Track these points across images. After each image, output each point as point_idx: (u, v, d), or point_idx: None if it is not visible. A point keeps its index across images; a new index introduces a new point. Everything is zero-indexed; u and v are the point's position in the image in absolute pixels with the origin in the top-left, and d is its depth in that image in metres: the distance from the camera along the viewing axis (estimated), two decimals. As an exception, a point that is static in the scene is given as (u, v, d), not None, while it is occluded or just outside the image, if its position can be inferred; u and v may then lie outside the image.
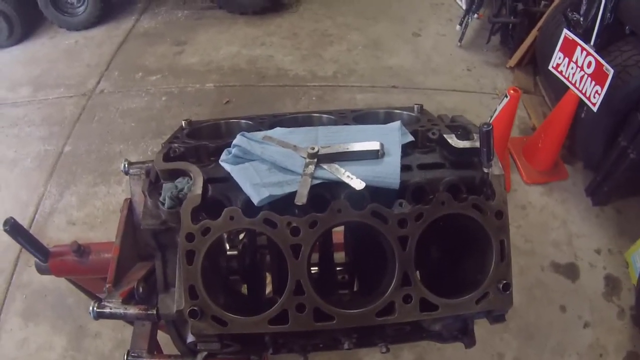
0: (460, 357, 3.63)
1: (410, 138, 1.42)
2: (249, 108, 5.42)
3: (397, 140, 1.38)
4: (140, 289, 1.55)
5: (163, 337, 1.93)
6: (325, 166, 1.30)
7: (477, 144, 1.35)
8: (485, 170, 1.31)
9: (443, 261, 1.53)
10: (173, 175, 1.35)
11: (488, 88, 5.72)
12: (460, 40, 6.35)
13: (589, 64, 3.91)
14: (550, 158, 4.69)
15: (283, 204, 1.26)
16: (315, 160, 1.30)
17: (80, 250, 1.85)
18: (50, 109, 5.75)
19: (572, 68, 4.13)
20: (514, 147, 4.94)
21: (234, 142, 1.37)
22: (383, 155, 1.33)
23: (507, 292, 1.27)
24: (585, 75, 3.98)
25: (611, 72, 3.71)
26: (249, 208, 1.25)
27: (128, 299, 1.53)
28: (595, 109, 3.94)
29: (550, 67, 4.37)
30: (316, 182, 1.27)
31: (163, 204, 1.29)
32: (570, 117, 4.31)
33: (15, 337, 3.93)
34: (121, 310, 1.48)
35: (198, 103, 5.67)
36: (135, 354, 1.61)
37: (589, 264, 4.18)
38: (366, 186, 1.27)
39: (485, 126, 1.27)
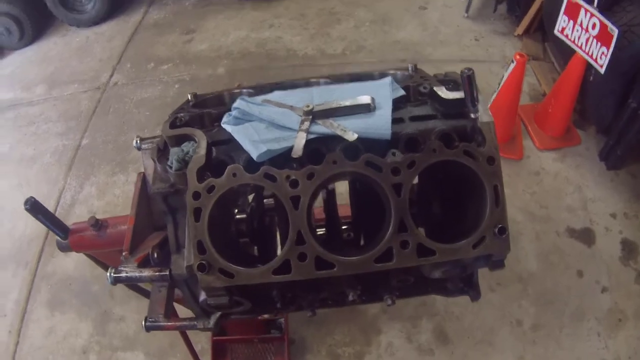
0: (478, 324, 3.71)
1: (402, 92, 1.47)
2: (261, 90, 5.49)
3: (388, 95, 1.43)
4: (155, 254, 1.62)
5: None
6: (320, 122, 1.36)
7: None
8: (472, 115, 1.35)
9: (443, 216, 1.57)
10: (179, 140, 1.42)
11: (497, 57, 5.73)
12: (467, 10, 6.34)
13: (594, 25, 3.91)
14: (562, 123, 4.68)
15: (282, 160, 1.32)
16: (311, 117, 1.36)
17: (98, 224, 1.93)
18: (66, 105, 5.86)
19: (577, 31, 4.13)
20: (525, 114, 4.94)
21: (234, 105, 1.44)
22: (375, 108, 1.39)
23: (504, 236, 1.30)
24: (591, 37, 3.99)
25: (616, 32, 3.70)
26: (250, 165, 1.31)
27: (143, 264, 1.60)
28: (602, 70, 3.94)
29: (556, 31, 4.37)
30: (312, 136, 1.33)
31: (171, 167, 1.36)
32: (578, 80, 4.31)
33: (42, 326, 4.05)
34: (137, 274, 1.55)
35: (210, 88, 5.64)
36: (153, 319, 1.67)
37: (604, 228, 4.19)
38: (361, 139, 1.32)
39: (465, 71, 1.31)
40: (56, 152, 5.32)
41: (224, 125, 1.41)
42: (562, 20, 4.27)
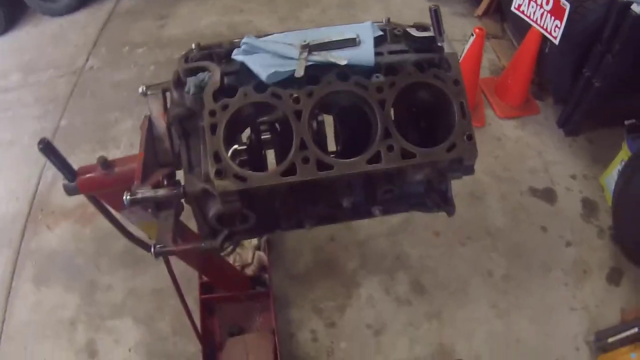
0: (453, 276, 3.97)
1: (380, 33, 1.75)
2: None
3: (370, 33, 1.70)
4: (165, 181, 1.81)
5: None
6: (315, 53, 1.59)
7: (432, 33, 1.65)
8: (439, 44, 1.61)
9: (418, 138, 1.81)
10: (194, 72, 1.63)
11: (458, 36, 5.97)
12: (429, -6, 6.58)
13: (547, 1, 4.23)
14: (521, 93, 5.00)
15: (285, 84, 1.55)
16: (307, 49, 1.60)
17: (106, 163, 2.08)
18: (43, 90, 5.89)
19: (532, 7, 4.46)
20: (485, 86, 5.25)
21: (243, 40, 1.66)
22: (360, 43, 1.65)
23: (472, 142, 1.55)
24: (545, 12, 4.31)
25: (567, 6, 4.04)
26: (259, 88, 1.53)
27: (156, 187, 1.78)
28: (556, 42, 4.27)
29: (512, 8, 4.67)
30: (309, 63, 1.56)
31: (188, 93, 1.58)
32: (535, 52, 4.64)
33: (29, 301, 4.11)
34: (152, 194, 1.72)
35: (186, 68, 5.83)
36: (161, 245, 1.81)
37: (565, 188, 4.51)
38: (349, 66, 1.56)
39: (432, 6, 1.58)
40: (35, 134, 5.33)
41: (234, 57, 1.63)
42: (518, -1, 4.57)
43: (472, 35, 4.54)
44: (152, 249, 1.84)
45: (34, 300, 4.11)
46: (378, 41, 1.70)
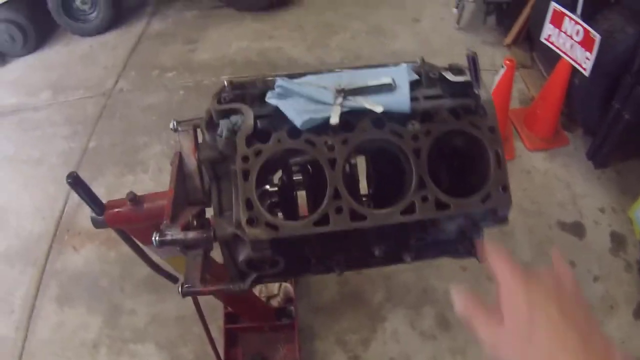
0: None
1: (416, 77, 1.71)
2: (265, 95, 5.66)
3: (406, 77, 1.67)
4: (195, 222, 1.80)
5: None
6: (350, 98, 1.58)
7: (469, 77, 1.63)
8: (476, 91, 1.59)
9: (451, 183, 1.79)
10: (226, 114, 1.62)
11: (487, 65, 5.94)
12: (458, 22, 6.61)
13: (577, 32, 4.18)
14: (550, 125, 4.94)
15: (319, 130, 1.53)
16: (342, 94, 1.59)
17: (135, 199, 2.09)
18: (72, 110, 5.99)
19: (562, 38, 4.39)
20: (515, 117, 5.20)
21: (277, 83, 1.65)
22: (395, 88, 1.62)
23: (506, 193, 1.52)
24: (575, 43, 4.25)
25: (598, 37, 3.97)
26: (292, 134, 1.52)
27: (185, 229, 1.77)
28: (587, 73, 4.20)
29: (542, 39, 4.62)
30: (344, 109, 1.55)
31: (221, 136, 1.57)
32: (564, 83, 4.58)
33: (51, 321, 4.14)
34: (181, 236, 1.71)
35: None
36: (189, 285, 1.81)
37: (594, 222, 4.43)
38: (385, 113, 1.54)
39: (470, 52, 1.55)
40: (63, 153, 5.45)
41: (268, 100, 1.61)
42: (548, 29, 4.53)
43: (503, 67, 4.51)
44: (180, 289, 1.83)
45: (56, 321, 4.14)
46: (413, 85, 1.68)
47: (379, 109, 1.53)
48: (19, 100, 6.28)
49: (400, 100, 1.59)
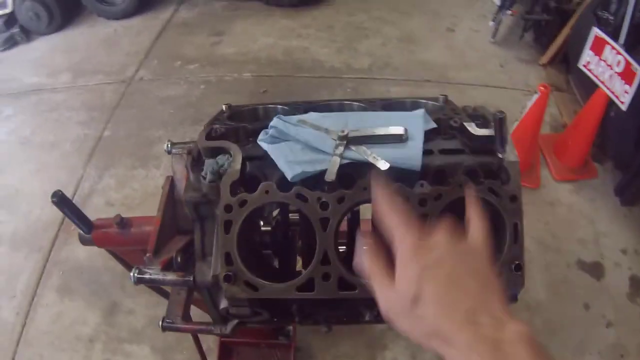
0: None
1: (433, 125, 1.51)
2: (285, 98, 5.46)
3: (421, 126, 1.47)
4: (179, 258, 1.67)
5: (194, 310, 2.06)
6: (353, 148, 1.40)
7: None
8: (500, 155, 1.39)
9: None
10: (214, 152, 1.46)
11: (520, 84, 5.75)
12: (494, 36, 6.39)
13: (618, 62, 3.94)
14: (580, 156, 4.71)
15: (314, 181, 1.36)
16: (345, 142, 1.40)
17: (123, 222, 1.98)
18: (90, 95, 5.94)
19: (601, 66, 4.16)
20: (544, 144, 4.97)
21: (271, 123, 1.48)
22: (407, 139, 1.42)
23: (519, 273, 1.34)
24: (615, 74, 4.02)
25: (639, 70, 3.74)
26: (283, 184, 1.35)
27: (167, 267, 1.65)
28: (624, 107, 3.97)
29: (580, 65, 4.40)
30: (345, 161, 1.37)
31: (205, 178, 1.41)
32: (599, 115, 4.34)
33: (51, 311, 4.09)
34: (160, 276, 1.60)
35: (235, 92, 5.82)
36: (170, 320, 1.72)
37: (614, 263, 4.20)
38: (391, 167, 1.36)
39: (498, 114, 1.34)
40: (77, 140, 5.39)
41: (260, 143, 1.45)
42: (587, 55, 4.31)
43: (537, 92, 4.28)
44: (160, 322, 1.75)
45: (56, 311, 4.10)
46: (429, 134, 1.49)
47: (384, 166, 1.35)
48: (39, 80, 6.26)
49: (412, 155, 1.39)
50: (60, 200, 1.85)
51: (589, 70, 4.35)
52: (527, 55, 6.25)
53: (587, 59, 4.36)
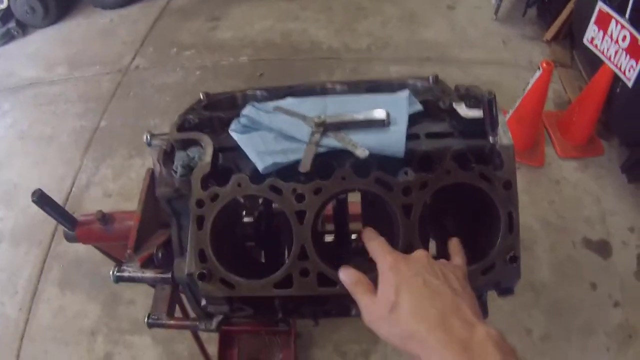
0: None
1: (419, 107, 1.42)
2: (283, 81, 5.37)
3: (405, 110, 1.38)
4: (159, 255, 1.61)
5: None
6: (331, 134, 1.32)
7: None
8: (491, 139, 1.30)
9: (455, 232, 1.53)
10: (186, 144, 1.39)
11: (524, 61, 5.65)
12: (496, 13, 6.27)
13: (624, 37, 3.84)
14: (585, 133, 4.62)
15: (290, 172, 1.28)
16: (322, 129, 1.32)
17: (105, 218, 1.93)
18: (87, 86, 5.89)
19: (606, 42, 4.06)
20: (548, 121, 4.88)
21: (243, 112, 1.40)
22: (389, 124, 1.34)
23: (515, 265, 1.25)
24: (620, 49, 3.92)
25: (646, 45, 3.64)
26: (256, 176, 1.28)
27: (147, 264, 1.60)
28: (630, 83, 3.89)
29: (584, 41, 4.30)
30: (321, 150, 1.29)
31: (176, 172, 1.34)
32: (605, 91, 4.24)
33: (53, 305, 4.09)
34: (139, 274, 1.55)
35: (232, 76, 5.75)
36: (156, 316, 1.68)
37: (621, 242, 4.13)
38: (372, 155, 1.28)
39: (487, 94, 1.26)
40: (74, 132, 5.36)
41: (231, 133, 1.38)
42: (592, 30, 4.20)
43: (539, 69, 4.17)
44: (146, 319, 1.71)
45: (57, 305, 4.11)
46: (415, 117, 1.40)
47: (363, 154, 1.26)
48: (37, 74, 6.22)
49: (393, 141, 1.30)
50: (40, 198, 1.81)
51: (594, 46, 4.25)
52: (530, 31, 6.12)
53: (591, 34, 4.25)
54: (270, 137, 1.34)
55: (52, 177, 4.94)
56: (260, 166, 1.27)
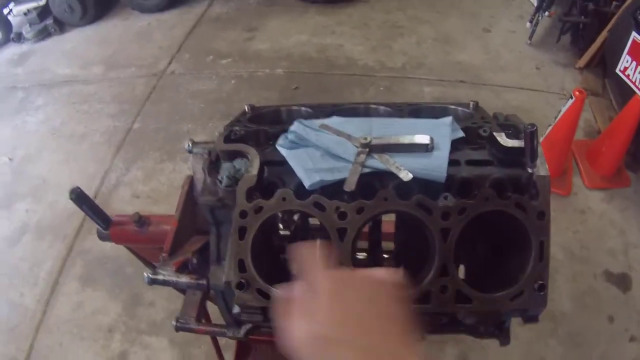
0: (503, 358, 3.60)
1: (461, 134, 1.45)
2: (317, 95, 5.54)
3: (448, 135, 1.42)
4: (194, 260, 1.64)
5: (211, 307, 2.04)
6: (376, 156, 1.35)
7: None
8: (529, 170, 1.33)
9: (485, 257, 1.55)
10: (232, 156, 1.43)
11: (555, 88, 5.62)
12: (530, 37, 6.25)
13: (657, 69, 3.83)
14: (614, 164, 4.58)
15: (333, 189, 1.32)
16: (367, 149, 1.36)
17: (141, 220, 1.96)
18: (121, 88, 5.98)
19: (639, 73, 4.04)
20: (577, 150, 4.84)
21: (291, 128, 1.44)
22: (432, 149, 1.37)
23: (542, 293, 1.27)
24: (653, 81, 3.90)
25: (678, 79, 3.63)
26: (301, 191, 1.31)
27: (181, 269, 1.62)
28: (661, 116, 3.86)
29: (617, 71, 4.29)
30: (366, 170, 1.32)
31: (221, 182, 1.38)
32: (635, 123, 4.21)
33: (72, 300, 4.14)
34: (174, 278, 1.57)
35: (267, 88, 5.79)
36: (184, 321, 1.70)
37: (642, 276, 4.07)
38: (414, 178, 1.31)
39: (529, 127, 1.28)
40: (106, 132, 5.44)
41: (278, 148, 1.41)
42: (625, 60, 4.21)
43: (572, 97, 4.16)
44: (174, 322, 1.72)
45: (77, 300, 4.14)
46: (456, 143, 1.43)
47: (406, 177, 1.30)
48: (72, 72, 6.35)
49: (436, 166, 1.34)
50: (78, 196, 1.84)
51: (627, 76, 4.25)
52: (563, 58, 6.10)
53: (624, 64, 4.25)
54: (317, 154, 1.38)
55: (81, 174, 5.02)
56: (307, 183, 1.30)
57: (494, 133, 1.42)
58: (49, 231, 4.61)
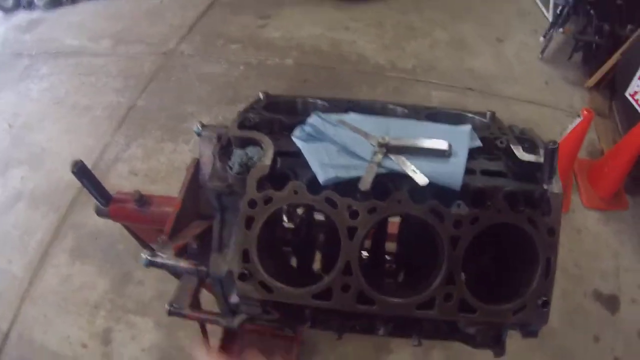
0: (490, 366, 3.64)
1: (478, 143, 1.44)
2: (327, 89, 5.50)
3: (466, 143, 1.40)
4: (194, 245, 1.62)
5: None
6: (392, 157, 1.33)
7: (542, 159, 1.36)
8: (545, 186, 1.32)
9: (487, 266, 1.55)
10: (245, 143, 1.41)
11: (563, 105, 5.59)
12: (543, 52, 6.21)
13: (666, 96, 3.83)
14: (614, 186, 4.59)
15: (346, 187, 1.29)
16: (384, 150, 1.34)
17: (142, 200, 1.94)
18: (129, 64, 5.92)
19: (648, 98, 4.04)
20: (579, 169, 4.84)
21: (309, 120, 1.42)
22: (450, 155, 1.36)
23: (545, 309, 1.29)
24: (662, 109, 3.89)
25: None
26: (313, 185, 1.29)
27: (180, 253, 1.60)
28: (666, 142, 3.86)
29: (626, 94, 4.28)
30: (382, 171, 1.31)
31: (231, 169, 1.36)
32: (639, 148, 4.20)
33: (60, 272, 4.12)
34: (172, 262, 1.55)
35: (275, 77, 5.75)
36: (177, 306, 1.68)
37: (631, 299, 4.10)
38: (430, 183, 1.29)
39: (551, 144, 1.28)
40: (110, 106, 5.40)
41: (294, 140, 1.39)
42: (636, 85, 4.20)
43: (579, 116, 4.15)
44: (167, 306, 1.71)
45: (65, 273, 4.12)
46: (472, 153, 1.42)
47: (422, 181, 1.28)
48: (80, 43, 6.28)
49: (453, 173, 1.33)
50: (80, 170, 1.82)
51: (636, 100, 4.23)
52: (573, 75, 6.05)
53: (635, 88, 4.24)
54: (334, 150, 1.35)
55: (81, 147, 4.97)
56: (321, 178, 1.28)
57: (512, 145, 1.41)
58: (43, 201, 4.58)
